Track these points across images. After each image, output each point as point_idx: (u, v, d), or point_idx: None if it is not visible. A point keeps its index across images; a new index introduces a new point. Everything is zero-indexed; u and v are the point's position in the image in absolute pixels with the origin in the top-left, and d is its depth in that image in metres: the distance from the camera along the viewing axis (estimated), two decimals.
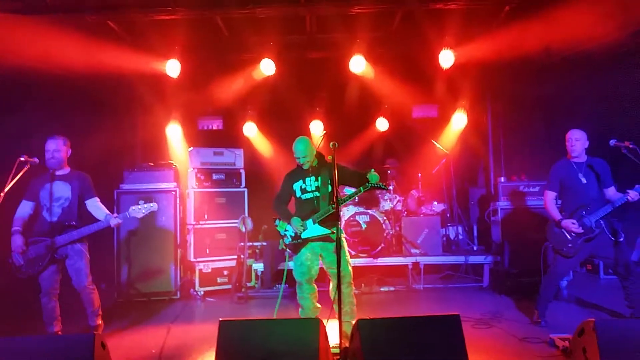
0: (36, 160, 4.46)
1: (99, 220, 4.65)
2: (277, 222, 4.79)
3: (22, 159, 4.35)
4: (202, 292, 6.84)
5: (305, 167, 4.63)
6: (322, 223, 4.50)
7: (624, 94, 6.40)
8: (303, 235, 4.56)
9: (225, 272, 7.05)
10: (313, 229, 4.52)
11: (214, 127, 8.61)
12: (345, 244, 4.78)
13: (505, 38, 6.01)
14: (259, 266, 7.04)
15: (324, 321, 3.45)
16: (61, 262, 4.63)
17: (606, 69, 6.57)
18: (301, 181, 4.64)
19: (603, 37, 5.45)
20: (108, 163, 6.88)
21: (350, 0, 5.52)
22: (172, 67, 6.35)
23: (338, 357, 3.60)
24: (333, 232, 4.55)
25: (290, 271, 4.95)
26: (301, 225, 4.54)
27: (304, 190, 4.62)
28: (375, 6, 5.68)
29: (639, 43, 5.70)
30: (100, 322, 4.82)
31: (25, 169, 4.38)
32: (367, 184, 4.37)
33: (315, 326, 3.34)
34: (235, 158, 7.41)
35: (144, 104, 7.51)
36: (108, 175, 6.96)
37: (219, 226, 7.15)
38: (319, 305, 4.70)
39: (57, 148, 4.62)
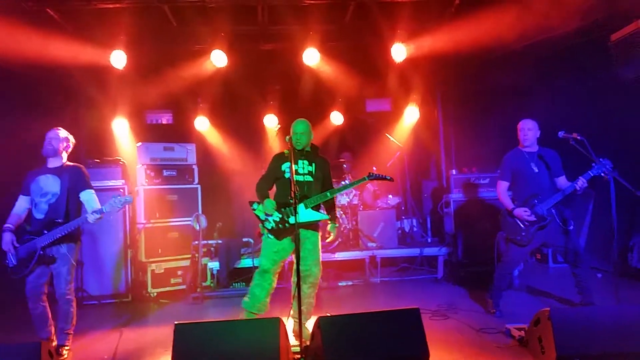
0: None
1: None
2: (254, 205, 4.33)
3: None
4: (155, 294, 6.59)
5: (299, 147, 4.33)
6: (314, 209, 4.27)
7: (572, 87, 6.63)
8: (291, 220, 4.15)
9: (179, 272, 6.81)
10: (305, 214, 4.18)
11: (164, 121, 8.35)
12: (319, 242, 4.45)
13: (455, 31, 6.07)
14: (214, 265, 6.84)
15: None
16: (49, 264, 4.20)
17: (556, 62, 6.77)
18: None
19: (552, 30, 5.58)
20: None
21: None
22: (118, 58, 6.03)
23: (299, 356, 3.52)
24: (331, 218, 4.47)
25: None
26: (273, 209, 4.20)
27: (295, 172, 4.21)
28: None
29: (586, 36, 5.87)
30: (69, 344, 4.31)
31: None
32: (370, 174, 4.59)
33: (275, 326, 3.26)
34: (187, 153, 7.17)
35: (88, 97, 7.12)
36: None
37: (172, 224, 6.90)
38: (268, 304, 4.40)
39: (54, 136, 4.32)
